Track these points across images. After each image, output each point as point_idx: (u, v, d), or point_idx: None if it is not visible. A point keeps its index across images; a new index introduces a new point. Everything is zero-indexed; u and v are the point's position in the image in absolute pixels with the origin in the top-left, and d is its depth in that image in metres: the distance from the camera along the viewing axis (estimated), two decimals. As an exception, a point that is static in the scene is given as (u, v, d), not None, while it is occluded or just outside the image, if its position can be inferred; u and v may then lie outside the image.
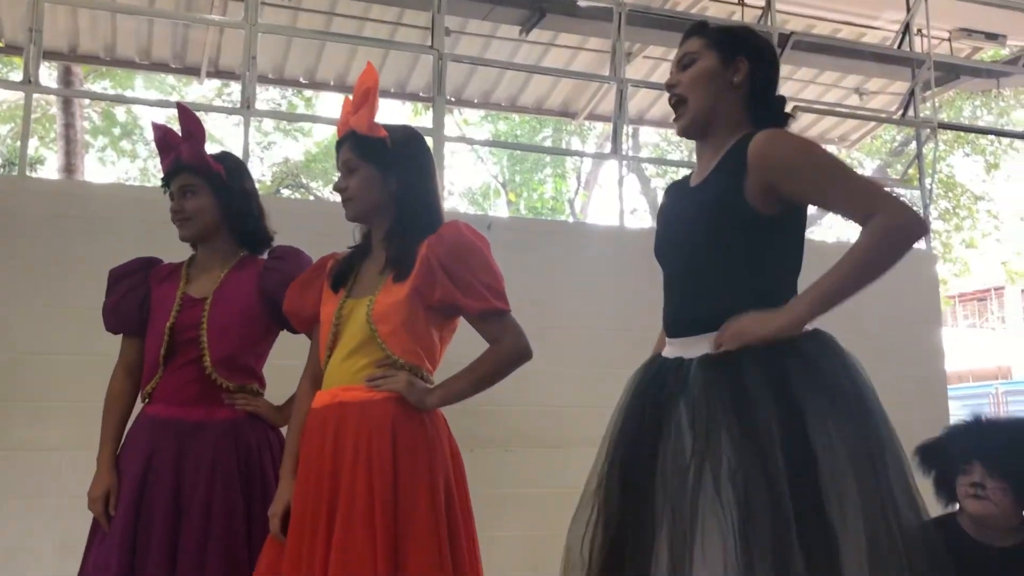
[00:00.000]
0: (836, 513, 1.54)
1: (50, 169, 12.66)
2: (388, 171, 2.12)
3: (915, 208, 1.75)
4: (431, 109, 4.26)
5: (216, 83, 11.09)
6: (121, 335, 2.42)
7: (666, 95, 1.94)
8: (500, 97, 6.37)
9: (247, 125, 3.73)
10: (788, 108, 4.59)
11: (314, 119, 6.75)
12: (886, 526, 1.55)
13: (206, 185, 2.34)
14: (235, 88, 11.78)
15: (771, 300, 1.74)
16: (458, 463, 2.12)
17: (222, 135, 13.06)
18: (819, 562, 1.51)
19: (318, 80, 5.87)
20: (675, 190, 2.02)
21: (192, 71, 5.76)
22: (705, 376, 1.70)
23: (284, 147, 14.46)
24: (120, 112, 12.61)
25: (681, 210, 1.91)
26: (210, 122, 12.86)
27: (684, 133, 1.92)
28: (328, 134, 12.85)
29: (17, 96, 10.37)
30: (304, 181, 14.45)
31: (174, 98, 12.28)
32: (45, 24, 3.70)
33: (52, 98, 9.62)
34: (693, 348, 1.78)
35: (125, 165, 13.49)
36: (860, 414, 1.64)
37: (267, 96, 12.25)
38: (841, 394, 1.65)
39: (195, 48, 5.50)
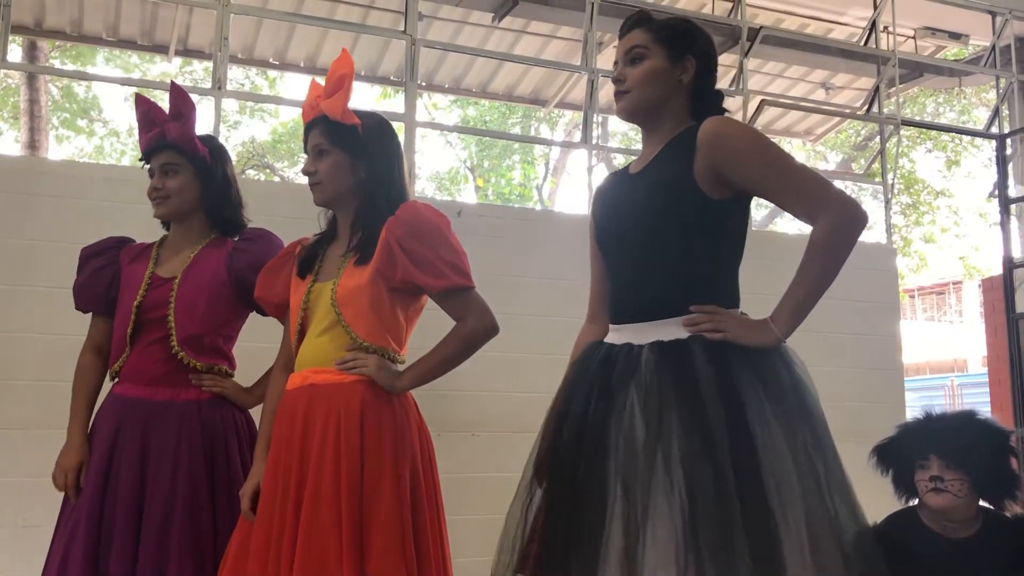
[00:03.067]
0: (776, 502, 1.58)
1: (6, 143, 12.44)
2: (358, 158, 2.14)
3: (855, 200, 1.77)
4: (401, 93, 4.26)
5: (178, 60, 10.92)
6: (90, 314, 2.42)
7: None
8: (471, 83, 6.37)
9: (218, 106, 3.70)
10: (755, 101, 4.67)
11: (286, 101, 6.69)
12: (826, 517, 1.60)
13: (189, 165, 2.35)
14: (198, 66, 11.64)
15: (718, 289, 1.80)
16: (427, 446, 2.15)
17: (188, 114, 12.84)
18: (761, 548, 1.54)
19: (288, 61, 5.82)
20: (614, 178, 2.04)
21: (160, 49, 5.69)
22: (657, 361, 1.73)
23: (250, 127, 14.33)
24: (80, 89, 12.40)
25: (625, 197, 1.92)
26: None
27: (625, 116, 1.94)
28: (295, 114, 12.75)
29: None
30: (269, 162, 14.32)
31: (136, 75, 12.10)
32: (12, -2, 3.64)
33: (13, 72, 9.45)
34: (643, 334, 1.80)
35: (81, 142, 13.27)
36: (797, 407, 1.70)
37: (231, 75, 12.09)
38: (779, 387, 1.70)
39: (164, 26, 5.43)
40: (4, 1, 3.43)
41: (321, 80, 2.19)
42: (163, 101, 2.42)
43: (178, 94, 2.37)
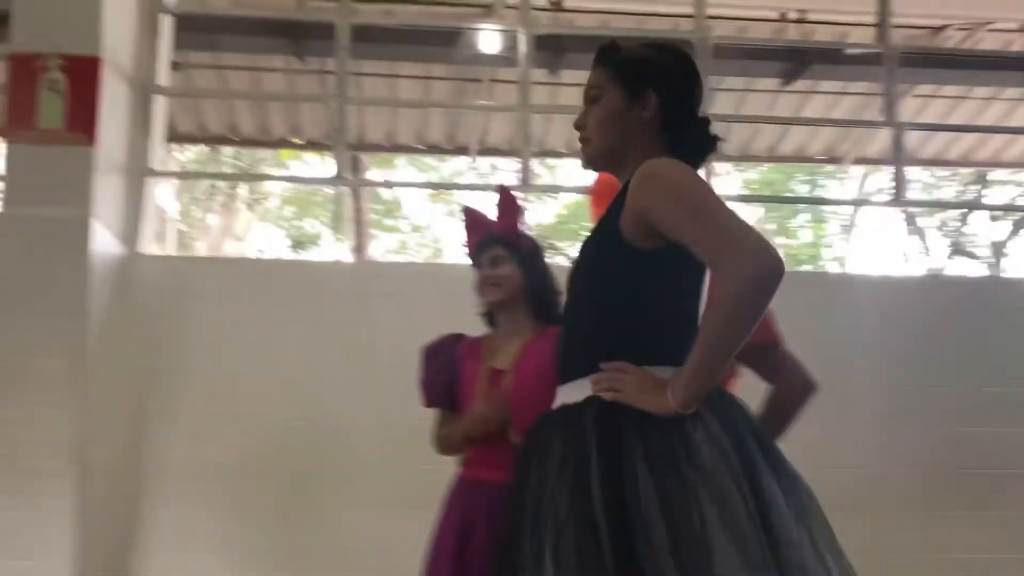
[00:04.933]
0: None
1: (327, 246, 13.86)
2: None
3: (768, 247, 1.49)
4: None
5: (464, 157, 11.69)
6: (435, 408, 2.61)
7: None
8: (759, 148, 6.30)
9: (526, 200, 3.92)
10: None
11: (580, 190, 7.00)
12: None
13: (513, 258, 2.53)
14: (482, 162, 12.43)
15: (646, 346, 1.62)
16: None
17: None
18: None
19: (575, 150, 6.07)
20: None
21: (462, 150, 6.19)
22: (559, 429, 1.64)
23: (533, 211, 14.96)
24: (384, 191, 13.65)
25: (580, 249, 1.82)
26: (472, 196, 13.61)
27: (588, 166, 1.85)
28: (573, 198, 13.25)
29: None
30: (554, 243, 14.86)
31: (432, 177, 13.15)
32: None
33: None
34: (561, 398, 1.70)
35: (386, 239, 14.52)
36: (692, 478, 1.49)
37: (504, 164, 12.77)
38: (670, 455, 1.51)
39: (465, 130, 5.92)
40: (341, 127, 3.90)
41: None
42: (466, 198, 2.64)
43: (505, 196, 2.61)
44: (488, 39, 4.68)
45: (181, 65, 4.82)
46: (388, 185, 10.80)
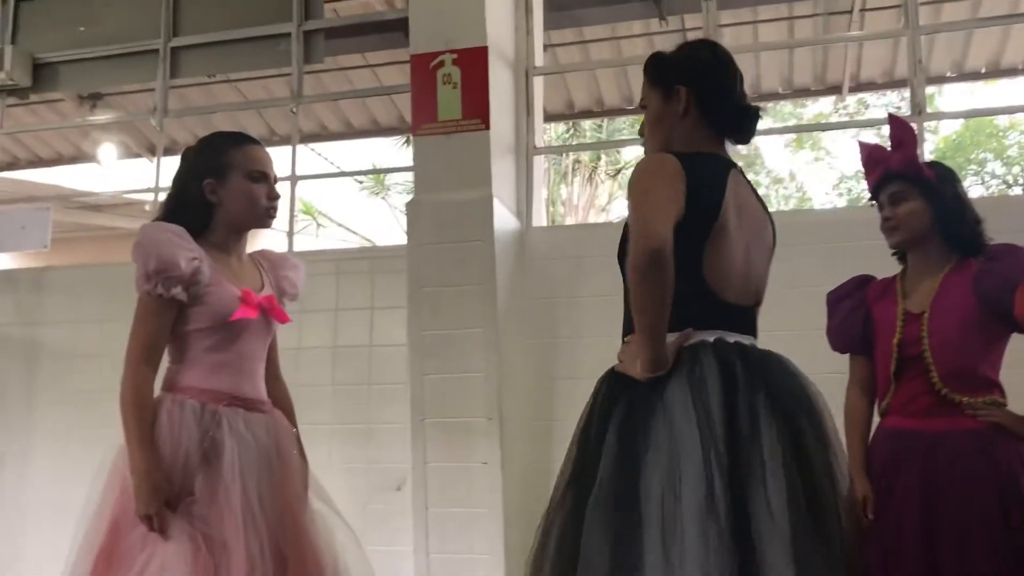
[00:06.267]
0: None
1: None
2: None
3: (645, 234, 1.71)
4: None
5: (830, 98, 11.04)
6: (848, 354, 2.51)
7: None
8: None
9: (921, 130, 3.60)
10: None
11: (984, 112, 6.30)
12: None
13: (916, 191, 2.35)
14: (850, 100, 11.63)
15: (690, 305, 1.80)
16: None
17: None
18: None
19: (1003, 68, 5.48)
20: None
21: (833, 90, 5.84)
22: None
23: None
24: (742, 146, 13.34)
25: None
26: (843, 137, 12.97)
27: None
28: (955, 128, 12.04)
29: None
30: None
31: (791, 123, 12.58)
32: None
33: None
34: None
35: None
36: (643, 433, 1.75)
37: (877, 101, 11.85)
38: (637, 414, 1.78)
39: (834, 67, 5.57)
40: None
41: None
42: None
43: (899, 125, 2.42)
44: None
45: (548, 45, 5.04)
46: (777, 132, 10.53)
